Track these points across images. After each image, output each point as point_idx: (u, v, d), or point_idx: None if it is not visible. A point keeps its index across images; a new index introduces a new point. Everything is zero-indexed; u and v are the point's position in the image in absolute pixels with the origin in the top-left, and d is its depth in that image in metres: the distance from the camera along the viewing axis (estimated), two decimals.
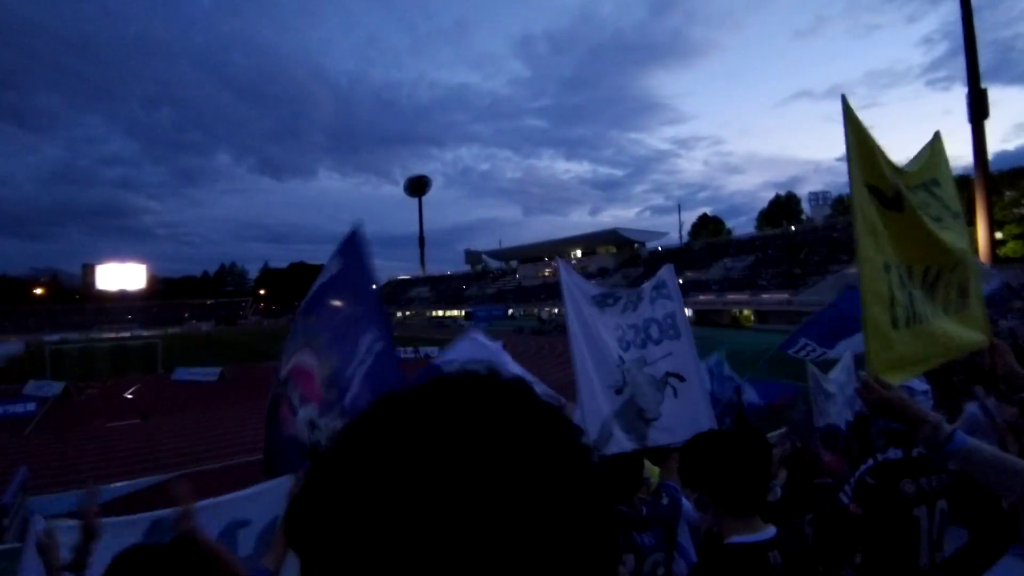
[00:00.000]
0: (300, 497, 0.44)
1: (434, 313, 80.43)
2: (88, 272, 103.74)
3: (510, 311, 69.49)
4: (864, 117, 1.83)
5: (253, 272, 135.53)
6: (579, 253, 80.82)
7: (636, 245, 75.13)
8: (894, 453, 2.17)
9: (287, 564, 2.32)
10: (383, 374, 2.89)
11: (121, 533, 2.25)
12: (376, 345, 3.05)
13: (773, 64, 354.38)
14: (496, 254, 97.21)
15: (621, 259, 72.64)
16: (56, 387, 24.52)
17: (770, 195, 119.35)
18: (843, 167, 1.81)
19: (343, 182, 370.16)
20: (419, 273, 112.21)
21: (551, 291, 65.55)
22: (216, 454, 13.48)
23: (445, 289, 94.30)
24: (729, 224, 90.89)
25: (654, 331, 4.31)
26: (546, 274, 78.56)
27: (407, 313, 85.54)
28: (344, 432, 0.44)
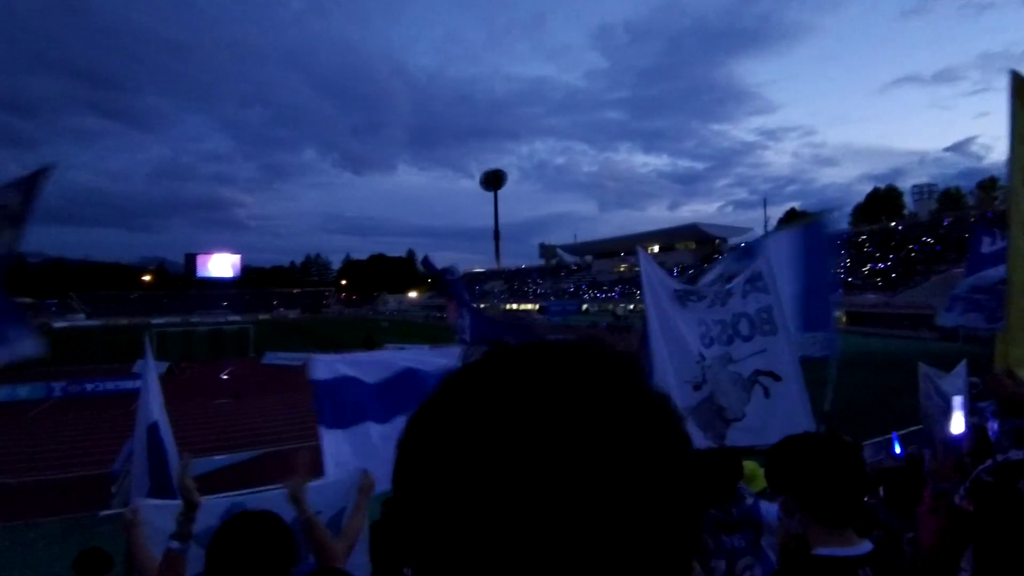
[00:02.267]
0: (406, 440, 0.44)
1: (508, 307, 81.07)
2: (189, 261, 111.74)
3: (584, 306, 68.95)
4: (977, 103, 1.63)
5: (336, 263, 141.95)
6: (656, 249, 78.89)
7: (717, 241, 72.51)
8: (1015, 454, 2.08)
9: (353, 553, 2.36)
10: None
11: (203, 514, 2.35)
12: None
13: (874, 47, 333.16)
14: (571, 248, 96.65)
15: (701, 255, 70.29)
16: (161, 366, 26.56)
17: (867, 189, 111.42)
18: (953, 158, 1.61)
19: (421, 176, 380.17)
20: (494, 266, 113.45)
21: (627, 287, 64.53)
22: (303, 434, 14.14)
23: (519, 283, 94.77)
24: None
25: (744, 327, 4.08)
26: (621, 269, 77.30)
27: (481, 306, 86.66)
28: (450, 380, 0.44)
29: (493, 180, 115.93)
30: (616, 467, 0.38)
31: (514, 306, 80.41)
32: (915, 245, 49.14)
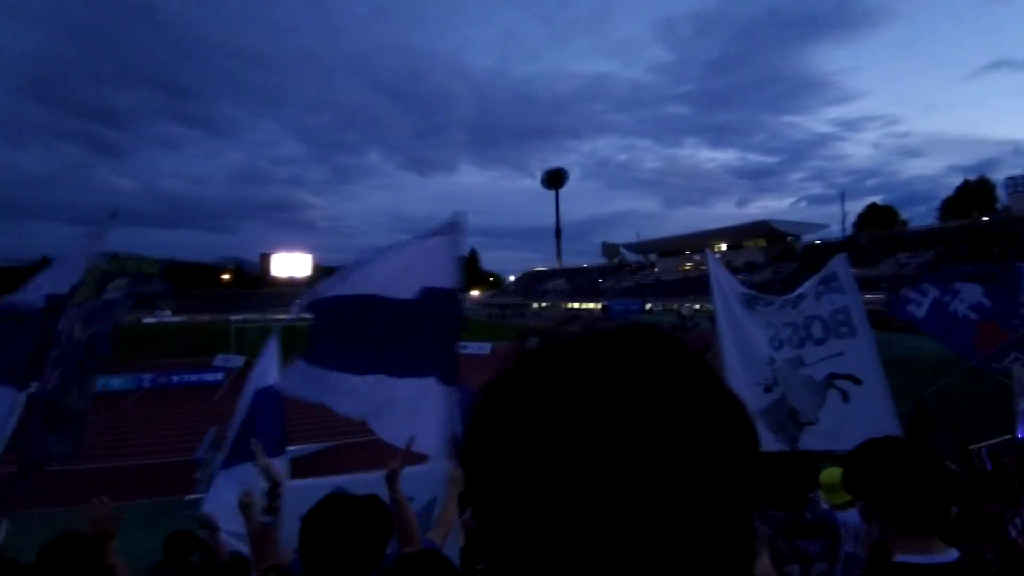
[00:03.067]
0: (473, 422, 0.45)
1: (570, 305, 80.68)
2: (264, 261, 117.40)
3: (648, 305, 67.70)
4: None
5: None
6: (724, 246, 76.39)
7: (789, 238, 69.33)
8: None
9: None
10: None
11: (306, 495, 2.48)
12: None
13: (964, 30, 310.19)
14: (634, 247, 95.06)
15: (772, 253, 67.56)
16: (239, 360, 28.05)
17: (956, 181, 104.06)
18: None
19: (482, 176, 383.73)
20: (555, 265, 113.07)
21: (692, 286, 62.88)
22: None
23: (581, 281, 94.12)
24: (904, 215, 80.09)
25: (816, 329, 3.91)
26: (687, 268, 75.37)
27: (543, 305, 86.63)
28: (517, 366, 0.45)
29: (554, 179, 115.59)
30: (686, 455, 0.38)
31: (575, 305, 79.92)
32: (1010, 240, 45.49)
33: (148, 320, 76.54)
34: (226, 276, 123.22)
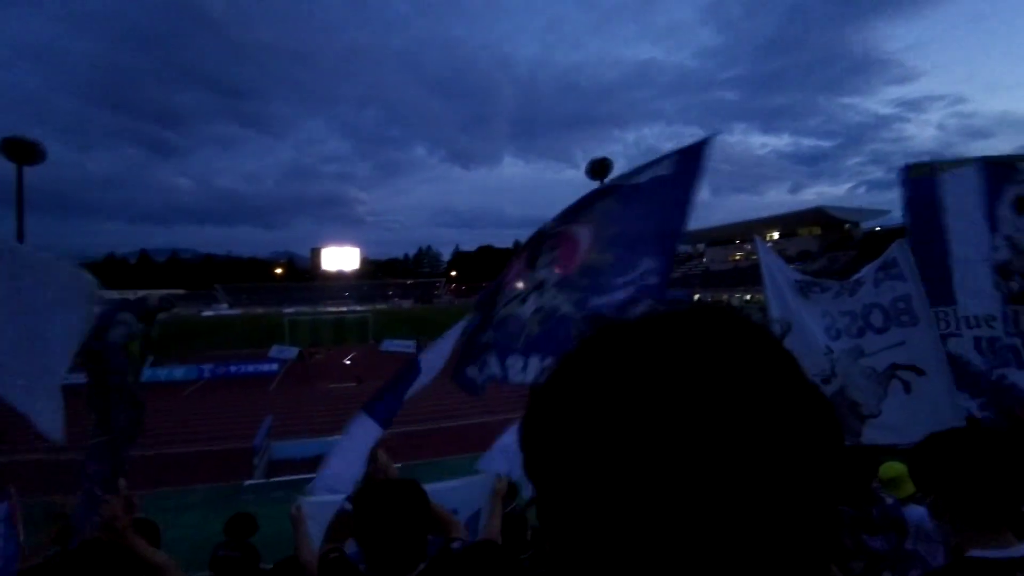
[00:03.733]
0: (533, 405, 0.43)
1: None
2: (315, 255, 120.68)
3: (696, 296, 66.40)
4: None
5: (446, 255, 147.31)
6: (776, 235, 74.06)
7: (847, 225, 66.56)
8: None
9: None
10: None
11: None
12: (650, 278, 2.84)
13: None
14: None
15: (827, 241, 65.14)
16: (292, 352, 29.03)
17: None
18: None
19: (526, 168, 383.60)
20: None
21: (742, 276, 61.30)
22: (418, 418, 14.83)
23: None
24: None
25: (876, 318, 3.74)
26: (737, 258, 73.49)
27: None
28: (583, 348, 0.42)
29: (599, 169, 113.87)
30: (770, 445, 0.35)
31: None
32: None
33: (207, 313, 79.86)
34: (279, 270, 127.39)
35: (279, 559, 3.92)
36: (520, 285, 3.57)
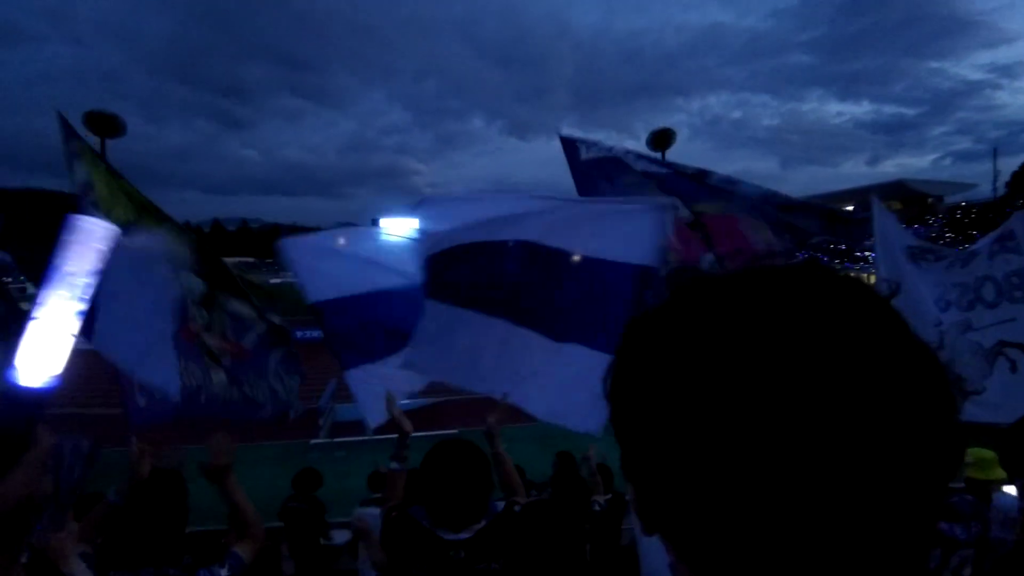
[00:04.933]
0: (622, 357, 0.41)
1: None
2: (375, 225, 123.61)
3: None
4: None
5: None
6: (850, 209, 70.27)
7: (930, 200, 62.32)
8: None
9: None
10: None
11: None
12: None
13: None
14: None
15: (908, 216, 61.26)
16: None
17: None
18: None
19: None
20: None
21: (811, 253, 58.64)
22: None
23: None
24: None
25: (988, 292, 3.56)
26: None
27: None
28: (679, 299, 0.40)
29: (661, 139, 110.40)
30: (879, 407, 0.33)
31: None
32: None
33: (274, 280, 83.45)
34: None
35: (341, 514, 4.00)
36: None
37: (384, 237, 4.06)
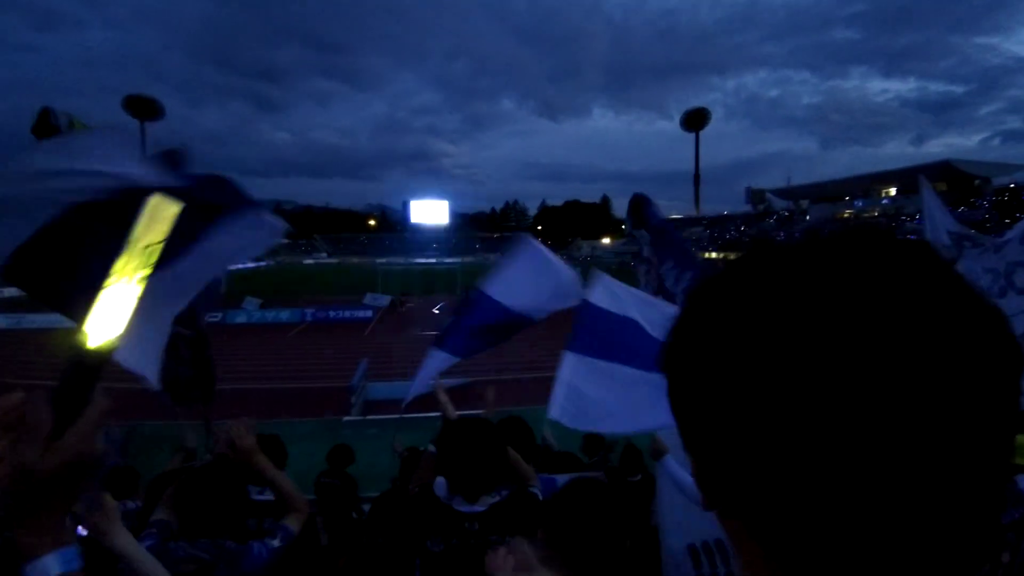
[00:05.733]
0: (680, 326, 0.41)
1: (708, 255, 76.92)
2: (405, 208, 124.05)
3: None
4: None
5: (532, 209, 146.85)
6: (893, 191, 67.92)
7: (977, 181, 59.84)
8: None
9: None
10: None
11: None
12: None
13: None
14: (783, 192, 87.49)
15: (953, 199, 58.96)
16: (385, 299, 30.35)
17: None
18: None
19: (616, 120, 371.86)
20: (693, 213, 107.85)
21: None
22: (504, 369, 15.14)
23: (722, 230, 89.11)
24: None
25: (1019, 278, 3.44)
26: (845, 215, 68.32)
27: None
28: (741, 267, 0.39)
29: (695, 120, 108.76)
30: (953, 375, 0.31)
31: (714, 254, 76.05)
32: None
33: (308, 261, 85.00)
34: (372, 222, 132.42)
35: (373, 489, 4.15)
36: None
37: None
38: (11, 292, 40.68)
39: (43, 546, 0.68)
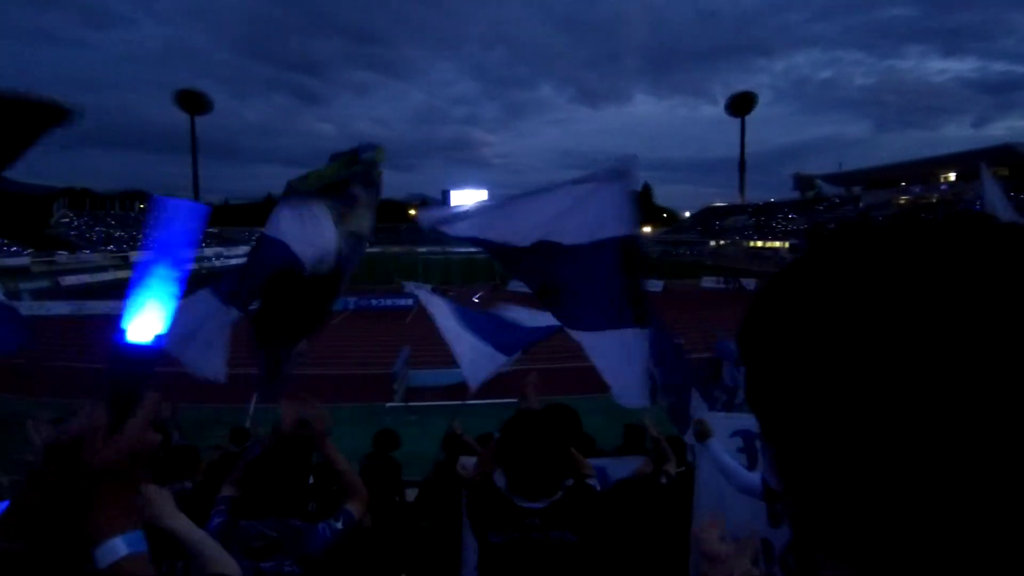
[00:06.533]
0: (766, 311, 0.38)
1: (753, 244, 74.95)
2: (445, 197, 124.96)
3: None
4: None
5: None
6: (952, 176, 64.64)
7: None
8: None
9: None
10: None
11: None
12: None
13: None
14: (834, 178, 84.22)
15: (1016, 184, 55.81)
16: (426, 288, 30.69)
17: None
18: None
19: (658, 106, 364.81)
20: (737, 200, 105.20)
21: None
22: (539, 357, 15.09)
23: (768, 218, 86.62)
24: None
25: None
26: (901, 202, 65.47)
27: (721, 243, 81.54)
28: (828, 248, 0.36)
29: (741, 104, 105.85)
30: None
31: (759, 243, 74.03)
32: None
33: None
34: (412, 212, 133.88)
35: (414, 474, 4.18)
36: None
37: None
38: (71, 281, 42.82)
39: (111, 530, 0.74)
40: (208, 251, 63.45)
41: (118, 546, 0.73)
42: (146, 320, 0.79)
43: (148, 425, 0.76)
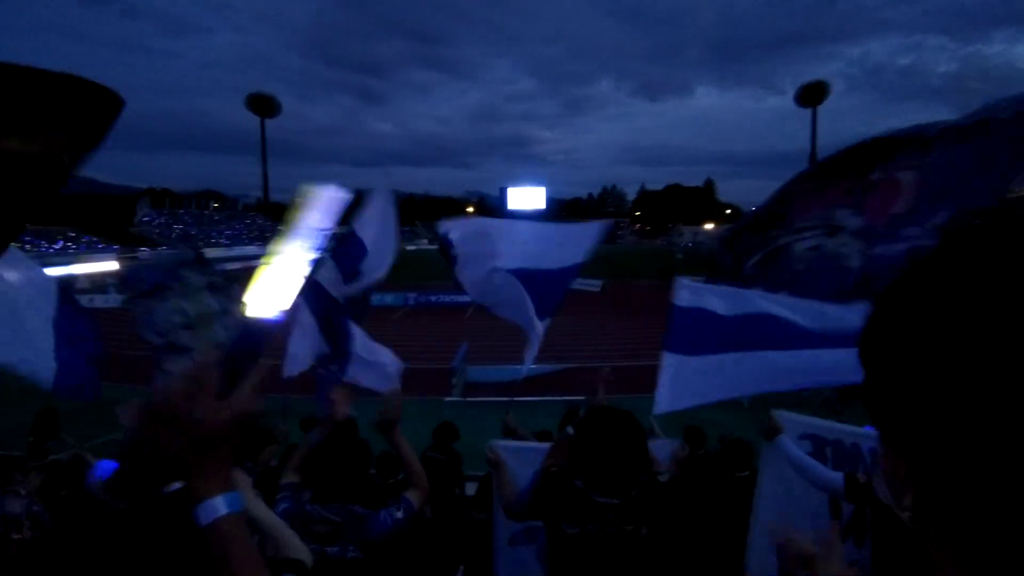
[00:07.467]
0: (893, 314, 0.36)
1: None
2: (503, 194, 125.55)
3: None
4: None
5: (631, 194, 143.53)
6: None
7: None
8: None
9: None
10: None
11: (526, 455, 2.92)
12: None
13: None
14: None
15: None
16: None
17: None
18: None
19: (721, 98, 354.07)
20: None
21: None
22: (597, 355, 14.98)
23: None
24: None
25: None
26: None
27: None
28: (957, 248, 0.35)
29: (812, 94, 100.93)
30: None
31: None
32: None
33: (410, 247, 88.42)
34: (470, 209, 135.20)
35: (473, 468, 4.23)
36: (809, 218, 3.32)
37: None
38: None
39: (212, 490, 0.77)
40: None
41: (219, 505, 0.77)
42: (270, 296, 0.83)
43: (255, 394, 0.79)
